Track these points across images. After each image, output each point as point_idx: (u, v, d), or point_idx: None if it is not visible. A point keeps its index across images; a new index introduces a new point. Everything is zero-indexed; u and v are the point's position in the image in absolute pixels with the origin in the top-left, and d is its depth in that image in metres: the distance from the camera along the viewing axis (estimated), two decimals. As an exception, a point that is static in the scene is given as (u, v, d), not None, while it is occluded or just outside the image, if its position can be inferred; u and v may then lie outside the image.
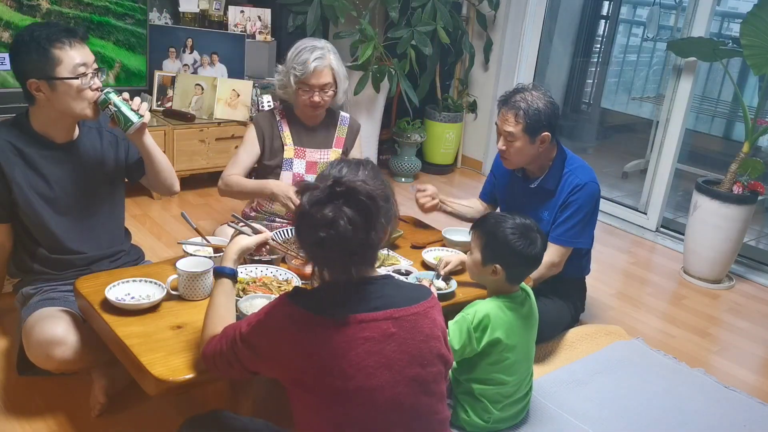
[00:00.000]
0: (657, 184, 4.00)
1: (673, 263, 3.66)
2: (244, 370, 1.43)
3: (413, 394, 1.37)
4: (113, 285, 1.85)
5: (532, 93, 2.37)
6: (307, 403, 1.36)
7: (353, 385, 1.30)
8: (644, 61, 6.14)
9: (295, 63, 2.50)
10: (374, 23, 4.29)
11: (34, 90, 1.90)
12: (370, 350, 1.31)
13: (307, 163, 2.66)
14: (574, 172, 2.46)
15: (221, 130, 3.88)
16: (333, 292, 1.35)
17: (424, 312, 1.39)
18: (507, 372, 1.94)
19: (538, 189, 2.50)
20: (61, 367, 1.96)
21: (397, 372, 1.33)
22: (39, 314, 1.97)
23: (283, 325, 1.33)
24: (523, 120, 2.34)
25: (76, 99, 1.92)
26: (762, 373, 2.69)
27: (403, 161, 4.59)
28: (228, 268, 1.65)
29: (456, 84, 4.83)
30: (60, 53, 1.87)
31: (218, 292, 1.62)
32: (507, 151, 2.42)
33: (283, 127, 2.65)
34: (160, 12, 4.07)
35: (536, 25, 4.56)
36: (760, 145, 4.67)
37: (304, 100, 2.53)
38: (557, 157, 2.48)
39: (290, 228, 2.39)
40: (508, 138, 2.39)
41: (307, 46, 2.52)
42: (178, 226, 3.45)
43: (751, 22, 3.16)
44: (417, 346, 1.36)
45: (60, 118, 1.98)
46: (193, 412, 1.66)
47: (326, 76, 2.51)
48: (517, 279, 1.99)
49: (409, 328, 1.35)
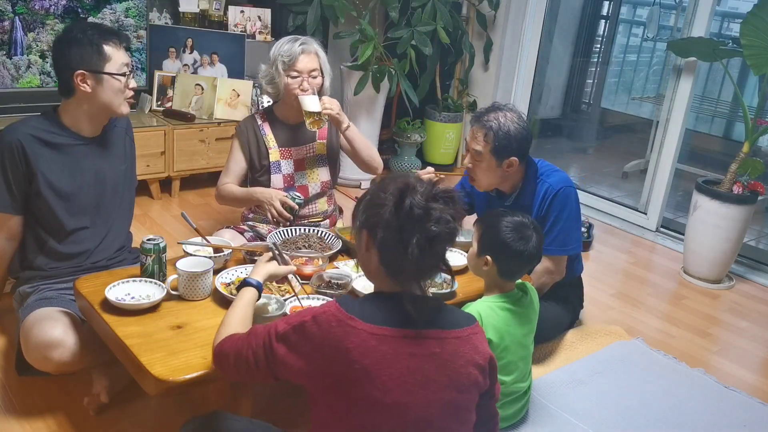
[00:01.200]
0: (657, 184, 4.00)
1: (673, 263, 3.66)
2: (270, 374, 1.40)
3: (444, 418, 1.35)
4: (113, 285, 1.85)
5: (506, 114, 2.31)
6: (336, 408, 1.33)
7: (390, 399, 1.29)
8: (644, 61, 6.14)
9: (280, 51, 2.53)
10: (374, 23, 4.29)
11: (79, 81, 1.99)
12: (413, 367, 1.30)
13: (294, 162, 2.66)
14: (544, 179, 2.42)
15: (221, 130, 3.88)
16: (383, 304, 1.34)
17: (467, 337, 1.38)
18: (503, 372, 1.95)
19: (514, 205, 2.44)
20: (59, 368, 1.96)
21: (432, 392, 1.32)
22: (36, 315, 1.97)
23: (330, 327, 1.30)
24: (492, 141, 2.29)
25: (117, 95, 2.04)
26: (762, 373, 2.69)
27: (403, 161, 4.59)
28: (255, 280, 1.70)
29: (456, 84, 4.83)
30: (111, 51, 2.01)
31: (242, 298, 1.65)
32: (473, 170, 2.38)
33: (265, 131, 2.65)
34: (160, 12, 4.07)
35: (536, 25, 4.56)
36: (760, 145, 4.67)
37: (293, 88, 2.53)
38: (528, 174, 2.43)
39: (291, 228, 2.39)
40: (476, 157, 2.34)
41: (288, 38, 2.57)
42: (178, 226, 3.45)
43: (751, 22, 3.16)
44: (457, 370, 1.35)
45: (96, 113, 2.08)
46: (193, 412, 1.66)
47: (313, 61, 2.54)
48: (509, 274, 2.00)
49: (452, 351, 1.34)
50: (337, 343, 1.29)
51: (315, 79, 2.55)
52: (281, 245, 2.22)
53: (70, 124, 2.07)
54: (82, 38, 1.98)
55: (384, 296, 1.37)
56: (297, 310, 1.81)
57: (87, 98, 2.02)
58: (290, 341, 1.35)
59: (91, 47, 1.98)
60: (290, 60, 2.51)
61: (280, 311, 1.80)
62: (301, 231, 2.37)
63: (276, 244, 1.91)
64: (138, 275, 1.94)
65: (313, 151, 2.69)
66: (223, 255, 2.10)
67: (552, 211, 2.39)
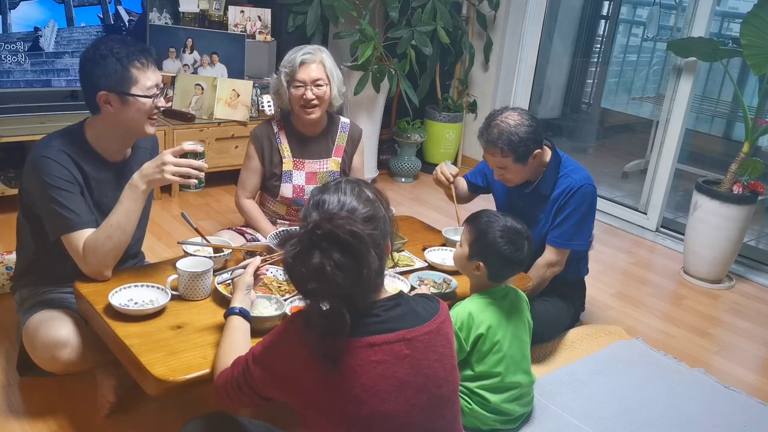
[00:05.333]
0: (657, 184, 3.99)
1: (673, 263, 3.66)
2: (255, 395, 1.41)
3: (428, 418, 1.34)
4: (116, 291, 1.83)
5: (508, 121, 2.32)
6: (321, 424, 1.33)
7: (366, 411, 1.27)
8: (644, 61, 6.13)
9: (284, 62, 2.55)
10: (374, 23, 4.29)
11: (102, 102, 1.91)
12: (383, 374, 1.27)
13: (306, 174, 2.65)
14: (569, 175, 2.45)
15: (221, 130, 3.88)
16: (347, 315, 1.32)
17: (437, 329, 1.36)
18: (500, 365, 1.97)
19: (533, 193, 2.49)
20: (66, 368, 1.96)
21: (411, 395, 1.30)
22: (41, 316, 1.97)
23: (295, 347, 1.30)
24: (511, 153, 2.32)
25: (142, 116, 1.95)
26: (762, 373, 2.69)
27: (403, 161, 4.59)
28: (237, 308, 1.67)
29: (456, 84, 4.83)
30: (137, 72, 1.91)
31: (230, 328, 1.63)
32: (503, 177, 2.43)
33: (281, 138, 2.64)
34: (160, 12, 4.07)
35: (536, 25, 4.56)
36: (760, 145, 4.67)
37: (297, 99, 2.53)
38: (552, 161, 2.46)
39: (290, 228, 2.39)
40: (503, 170, 2.39)
41: (295, 48, 2.57)
42: (178, 226, 3.44)
43: (751, 22, 3.15)
44: (431, 366, 1.33)
45: (120, 134, 1.99)
46: (195, 412, 1.66)
47: (316, 71, 2.52)
48: (498, 278, 2.03)
49: (423, 349, 1.32)
50: (303, 361, 1.28)
51: (320, 89, 2.53)
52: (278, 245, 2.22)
53: (95, 144, 1.99)
54: (108, 57, 1.89)
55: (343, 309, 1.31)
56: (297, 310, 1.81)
57: (111, 118, 1.94)
58: (265, 363, 1.36)
59: (116, 67, 1.89)
60: (291, 70, 2.51)
61: (280, 311, 1.80)
62: (301, 231, 2.37)
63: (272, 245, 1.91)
64: (139, 275, 1.93)
65: (326, 167, 2.68)
66: (223, 255, 2.10)
67: (569, 205, 2.42)
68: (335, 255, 1.21)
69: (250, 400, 1.44)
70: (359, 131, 2.77)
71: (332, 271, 1.21)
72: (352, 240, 1.22)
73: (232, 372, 1.45)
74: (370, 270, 1.25)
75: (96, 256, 1.88)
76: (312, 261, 1.22)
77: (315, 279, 1.22)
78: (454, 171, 2.59)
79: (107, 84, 1.89)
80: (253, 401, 1.44)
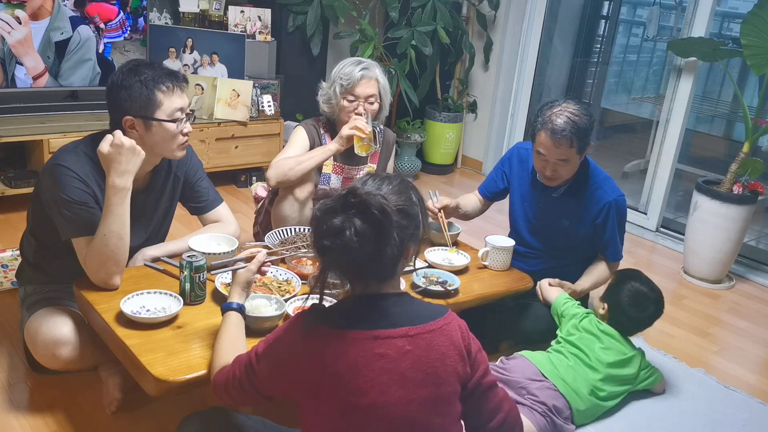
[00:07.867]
0: (657, 184, 4.00)
1: (673, 263, 3.66)
2: (258, 393, 1.42)
3: (426, 414, 1.35)
4: (128, 297, 1.79)
5: (573, 113, 2.26)
6: (320, 412, 1.34)
7: (366, 402, 1.30)
8: (644, 61, 6.13)
9: (340, 74, 2.51)
10: (374, 23, 4.29)
11: (127, 127, 1.90)
12: (385, 367, 1.30)
13: (343, 180, 2.65)
14: (603, 187, 2.45)
15: (221, 130, 3.88)
16: (349, 308, 1.36)
17: (440, 329, 1.37)
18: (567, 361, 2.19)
19: (562, 198, 2.46)
20: (67, 366, 1.97)
21: (410, 390, 1.32)
22: (42, 314, 1.97)
23: (301, 339, 1.33)
24: (577, 144, 2.27)
25: (168, 141, 1.94)
26: (762, 373, 2.69)
27: (403, 161, 4.59)
28: (235, 303, 1.67)
29: (456, 84, 4.83)
30: (162, 97, 1.89)
31: (227, 324, 1.63)
32: (557, 173, 2.35)
33: (326, 140, 2.62)
34: (160, 12, 4.07)
35: (536, 25, 4.56)
36: (760, 145, 4.67)
37: (348, 111, 2.51)
38: (583, 164, 2.43)
39: (290, 228, 2.39)
40: (562, 164, 2.31)
41: (352, 60, 2.55)
42: (178, 227, 3.44)
43: (751, 22, 3.16)
44: (432, 364, 1.34)
45: (147, 159, 1.92)
46: (195, 409, 1.66)
47: (372, 87, 2.51)
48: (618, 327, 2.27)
49: (424, 346, 1.34)
50: (309, 352, 1.31)
51: (372, 105, 2.52)
52: (279, 245, 2.22)
53: None
54: (134, 82, 1.86)
55: (347, 301, 1.37)
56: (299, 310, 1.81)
57: (139, 143, 1.87)
58: (270, 358, 1.38)
59: (141, 93, 1.86)
60: (349, 84, 2.48)
61: (280, 311, 1.80)
62: (300, 231, 2.37)
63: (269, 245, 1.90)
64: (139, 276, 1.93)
65: (362, 173, 2.67)
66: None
67: (609, 220, 2.45)
68: (357, 222, 1.27)
69: (253, 398, 1.45)
70: (393, 137, 2.77)
71: (350, 235, 1.27)
72: (379, 214, 1.28)
73: (233, 370, 1.46)
74: (386, 253, 1.30)
75: (94, 264, 1.86)
76: (335, 219, 1.28)
77: (332, 237, 1.28)
78: (440, 204, 2.47)
79: (131, 108, 1.88)
80: (256, 400, 1.45)
